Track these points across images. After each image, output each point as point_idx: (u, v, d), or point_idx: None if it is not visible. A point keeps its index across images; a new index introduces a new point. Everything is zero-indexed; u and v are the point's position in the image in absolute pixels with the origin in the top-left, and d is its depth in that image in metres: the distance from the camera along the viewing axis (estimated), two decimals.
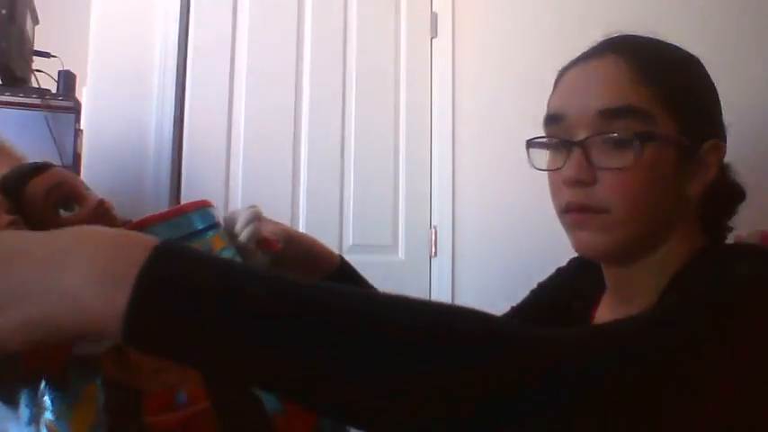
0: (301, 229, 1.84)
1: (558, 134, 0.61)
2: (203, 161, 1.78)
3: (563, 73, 0.65)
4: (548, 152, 0.65)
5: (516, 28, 2.00)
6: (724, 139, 0.63)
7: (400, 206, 1.96)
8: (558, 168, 0.60)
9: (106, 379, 0.45)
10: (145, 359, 0.49)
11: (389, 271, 1.92)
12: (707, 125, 0.61)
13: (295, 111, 1.87)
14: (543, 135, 0.65)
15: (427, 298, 1.97)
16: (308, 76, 1.90)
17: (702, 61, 0.65)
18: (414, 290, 1.95)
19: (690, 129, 0.59)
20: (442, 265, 1.97)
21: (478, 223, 1.98)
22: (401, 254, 1.95)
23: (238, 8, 1.84)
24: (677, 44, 0.65)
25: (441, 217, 1.98)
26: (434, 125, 2.01)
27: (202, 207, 0.62)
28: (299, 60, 1.89)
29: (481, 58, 2.03)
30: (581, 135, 0.59)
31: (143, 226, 0.56)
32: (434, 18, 2.03)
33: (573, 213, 0.60)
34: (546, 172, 0.65)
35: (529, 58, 1.97)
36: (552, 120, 0.62)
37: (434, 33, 2.03)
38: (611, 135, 0.57)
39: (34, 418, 0.40)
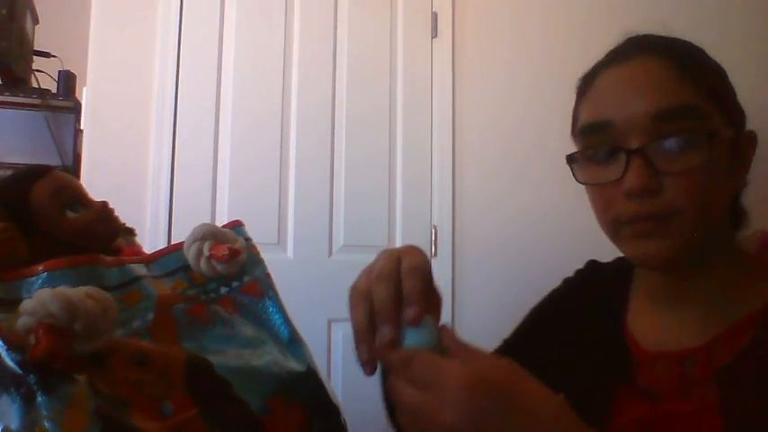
0: (290, 227, 1.84)
1: (606, 143, 0.57)
2: (191, 155, 1.78)
3: (592, 78, 0.61)
4: (588, 164, 0.60)
5: (516, 28, 2.00)
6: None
7: (397, 206, 1.96)
8: (615, 180, 0.55)
9: (93, 390, 0.45)
10: (127, 372, 0.50)
11: None
12: (740, 115, 0.59)
13: (283, 107, 1.87)
14: (584, 146, 0.60)
15: None
16: (298, 74, 1.90)
17: (718, 58, 0.63)
18: None
19: (732, 121, 0.57)
20: (442, 265, 1.97)
21: (478, 223, 1.98)
22: None
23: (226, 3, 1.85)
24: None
25: (441, 217, 1.98)
26: (435, 125, 2.01)
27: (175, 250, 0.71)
28: (288, 57, 1.89)
29: (481, 58, 2.02)
30: (634, 141, 0.54)
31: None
32: (434, 18, 2.03)
33: (639, 224, 0.55)
34: (586, 186, 0.60)
35: (529, 57, 1.96)
36: (596, 128, 0.58)
37: (434, 33, 2.03)
38: (678, 137, 0.53)
39: (28, 423, 0.40)
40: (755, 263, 0.61)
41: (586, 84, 0.62)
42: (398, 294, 0.51)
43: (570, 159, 0.61)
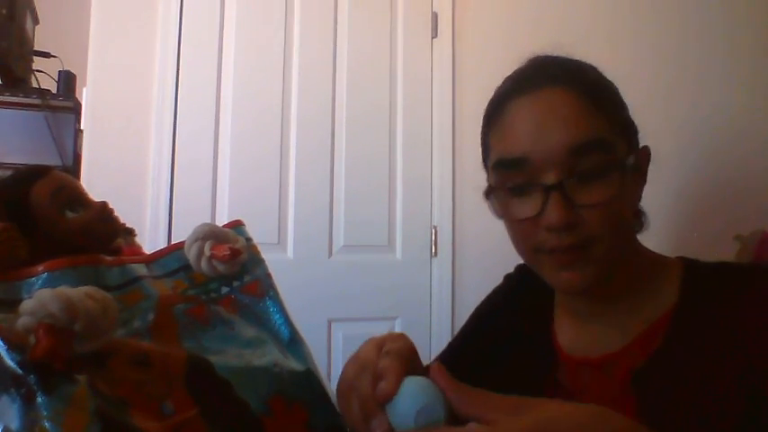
0: (290, 227, 1.84)
1: (522, 178, 0.58)
2: (191, 155, 1.78)
3: (501, 107, 0.61)
4: (504, 196, 0.60)
5: (516, 28, 2.00)
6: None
7: (397, 206, 1.96)
8: (535, 215, 0.57)
9: (93, 390, 0.45)
10: (127, 372, 0.50)
11: (386, 271, 1.92)
12: (635, 133, 0.62)
13: (283, 107, 1.87)
14: (499, 179, 0.61)
15: (427, 298, 1.98)
16: (298, 74, 1.90)
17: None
18: (413, 290, 1.95)
19: (632, 144, 0.60)
20: (442, 265, 1.97)
21: (478, 223, 1.98)
22: (398, 254, 1.95)
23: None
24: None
25: (441, 217, 1.98)
26: (434, 125, 2.01)
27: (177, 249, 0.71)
28: (288, 57, 1.89)
29: (481, 58, 2.02)
30: (550, 176, 0.56)
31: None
32: (434, 18, 2.03)
33: (559, 255, 0.57)
34: (504, 217, 0.62)
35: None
36: (511, 164, 0.58)
37: (434, 33, 2.03)
38: (591, 171, 0.55)
39: (28, 423, 0.40)
40: (658, 262, 0.64)
41: (495, 113, 0.63)
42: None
43: (488, 193, 0.63)
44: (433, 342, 1.92)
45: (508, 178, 0.59)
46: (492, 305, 0.82)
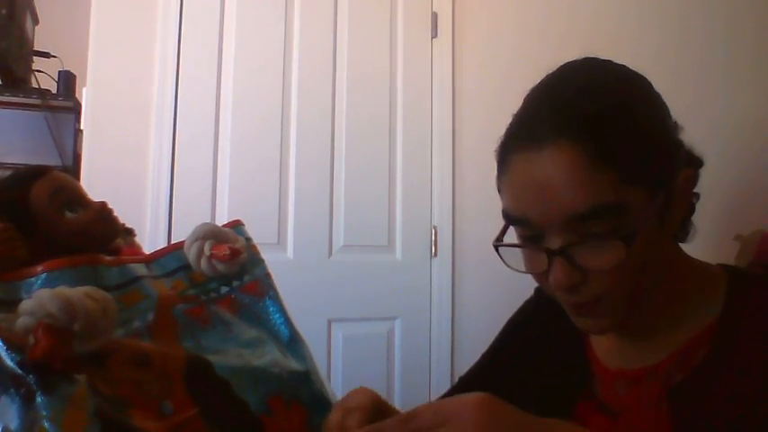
0: (290, 227, 1.84)
1: (529, 232, 0.57)
2: (191, 156, 1.78)
3: (507, 156, 0.58)
4: (519, 244, 0.60)
5: (516, 28, 2.00)
6: (681, 147, 0.58)
7: (397, 206, 1.96)
8: (543, 271, 0.56)
9: (93, 390, 0.45)
10: (127, 372, 0.50)
11: (386, 272, 1.92)
12: (672, 160, 0.56)
13: (283, 106, 1.87)
14: (510, 229, 0.61)
15: (427, 298, 1.98)
16: (298, 74, 1.90)
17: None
18: (413, 291, 1.95)
19: (660, 179, 0.54)
20: (442, 266, 1.97)
21: (478, 223, 1.98)
22: (398, 254, 1.95)
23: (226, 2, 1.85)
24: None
25: (441, 217, 1.98)
26: (434, 125, 2.01)
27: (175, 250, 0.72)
28: (288, 57, 1.89)
29: (481, 58, 2.02)
30: (555, 238, 0.54)
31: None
32: (434, 18, 2.03)
33: (572, 307, 0.58)
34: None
35: (529, 57, 1.96)
36: (516, 221, 0.57)
37: (434, 33, 2.03)
38: (596, 236, 0.52)
39: (27, 423, 0.40)
40: (701, 272, 0.62)
41: (502, 160, 0.59)
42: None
43: (497, 246, 0.60)
44: (432, 342, 1.92)
45: (516, 229, 0.59)
46: (524, 316, 0.81)
